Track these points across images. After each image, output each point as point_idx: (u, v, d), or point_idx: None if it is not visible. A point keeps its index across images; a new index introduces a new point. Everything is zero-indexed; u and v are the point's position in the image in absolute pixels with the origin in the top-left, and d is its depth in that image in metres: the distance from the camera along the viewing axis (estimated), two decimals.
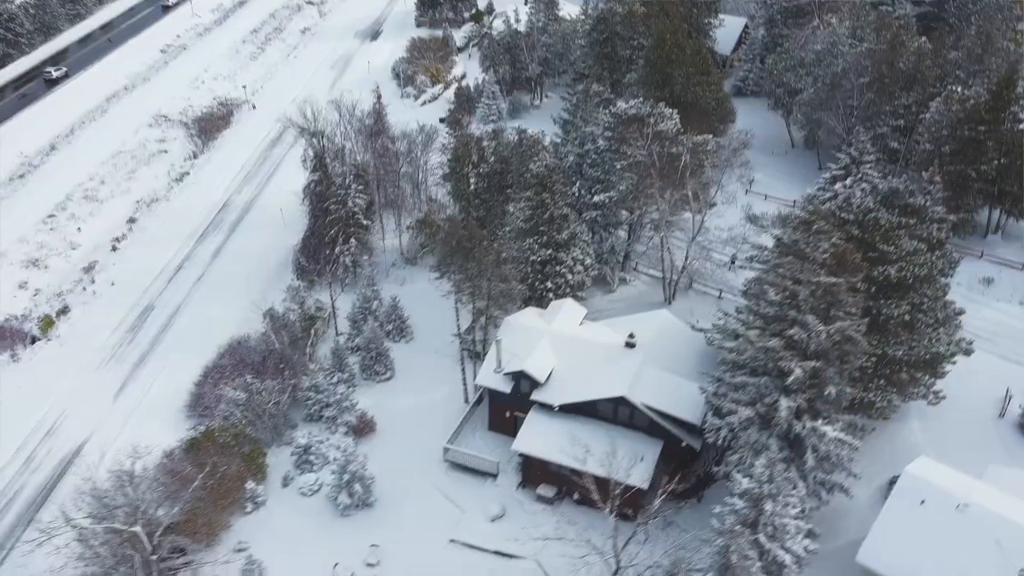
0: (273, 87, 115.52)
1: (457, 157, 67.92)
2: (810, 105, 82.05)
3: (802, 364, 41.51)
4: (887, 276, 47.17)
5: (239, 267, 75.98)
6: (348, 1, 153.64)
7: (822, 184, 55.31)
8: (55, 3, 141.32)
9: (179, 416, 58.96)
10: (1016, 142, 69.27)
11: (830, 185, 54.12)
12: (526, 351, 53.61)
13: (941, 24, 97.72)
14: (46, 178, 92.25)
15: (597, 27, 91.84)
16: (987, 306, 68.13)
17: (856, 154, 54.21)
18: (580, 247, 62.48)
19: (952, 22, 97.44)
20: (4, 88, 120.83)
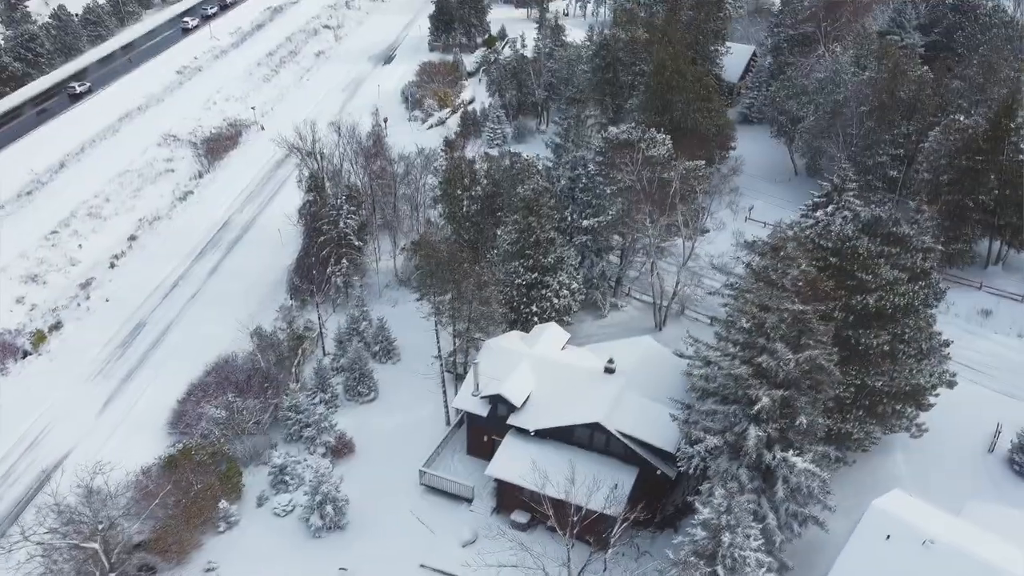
0: (284, 109, 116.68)
1: (448, 180, 68.03)
2: (811, 133, 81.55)
3: (770, 393, 40.80)
4: (865, 305, 46.36)
5: (234, 285, 76.41)
6: (364, 25, 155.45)
7: (804, 211, 54.69)
8: (77, 25, 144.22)
9: (161, 432, 59.12)
10: (1015, 172, 68.23)
11: (812, 212, 53.51)
12: (505, 374, 53.21)
13: (950, 54, 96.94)
14: (53, 195, 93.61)
15: (599, 53, 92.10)
16: (984, 338, 66.90)
17: (839, 181, 53.61)
18: (567, 271, 62.15)
19: (961, 52, 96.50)
20: (23, 105, 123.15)
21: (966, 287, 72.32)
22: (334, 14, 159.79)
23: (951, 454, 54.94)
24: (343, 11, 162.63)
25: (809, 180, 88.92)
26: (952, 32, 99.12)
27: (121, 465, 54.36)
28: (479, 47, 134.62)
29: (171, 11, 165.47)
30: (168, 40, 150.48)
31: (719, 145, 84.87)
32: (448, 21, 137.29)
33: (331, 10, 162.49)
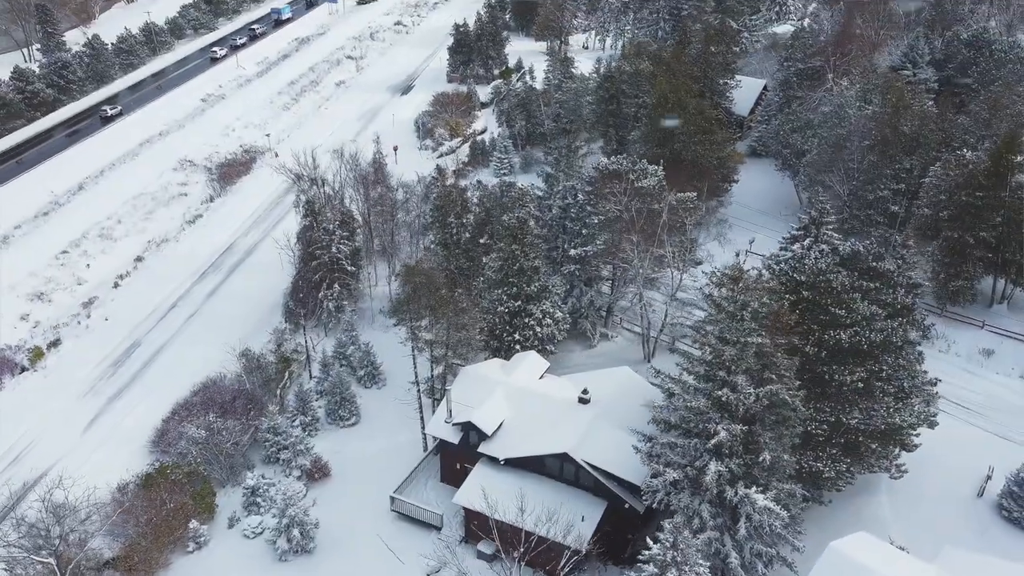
0: (300, 136, 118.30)
1: (439, 207, 68.31)
2: (813, 167, 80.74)
3: (728, 427, 40.02)
4: (838, 340, 45.42)
5: (232, 308, 77.27)
6: (387, 56, 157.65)
7: (783, 243, 53.97)
8: (110, 53, 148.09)
9: (143, 451, 59.68)
10: (1018, 209, 66.81)
11: (790, 245, 52.78)
12: (478, 402, 52.96)
13: (964, 89, 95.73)
14: (68, 216, 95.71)
15: (603, 85, 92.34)
16: (984, 378, 65.20)
17: (816, 214, 52.88)
18: (551, 300, 61.86)
19: (975, 87, 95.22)
20: (54, 128, 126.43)
21: (968, 325, 70.69)
22: (358, 45, 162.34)
23: (938, 497, 53.40)
24: (367, 42, 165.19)
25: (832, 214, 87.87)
26: (966, 68, 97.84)
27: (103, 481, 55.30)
28: (496, 79, 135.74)
29: (202, 41, 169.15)
30: (197, 68, 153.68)
31: (721, 178, 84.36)
32: (467, 53, 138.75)
33: (356, 41, 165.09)
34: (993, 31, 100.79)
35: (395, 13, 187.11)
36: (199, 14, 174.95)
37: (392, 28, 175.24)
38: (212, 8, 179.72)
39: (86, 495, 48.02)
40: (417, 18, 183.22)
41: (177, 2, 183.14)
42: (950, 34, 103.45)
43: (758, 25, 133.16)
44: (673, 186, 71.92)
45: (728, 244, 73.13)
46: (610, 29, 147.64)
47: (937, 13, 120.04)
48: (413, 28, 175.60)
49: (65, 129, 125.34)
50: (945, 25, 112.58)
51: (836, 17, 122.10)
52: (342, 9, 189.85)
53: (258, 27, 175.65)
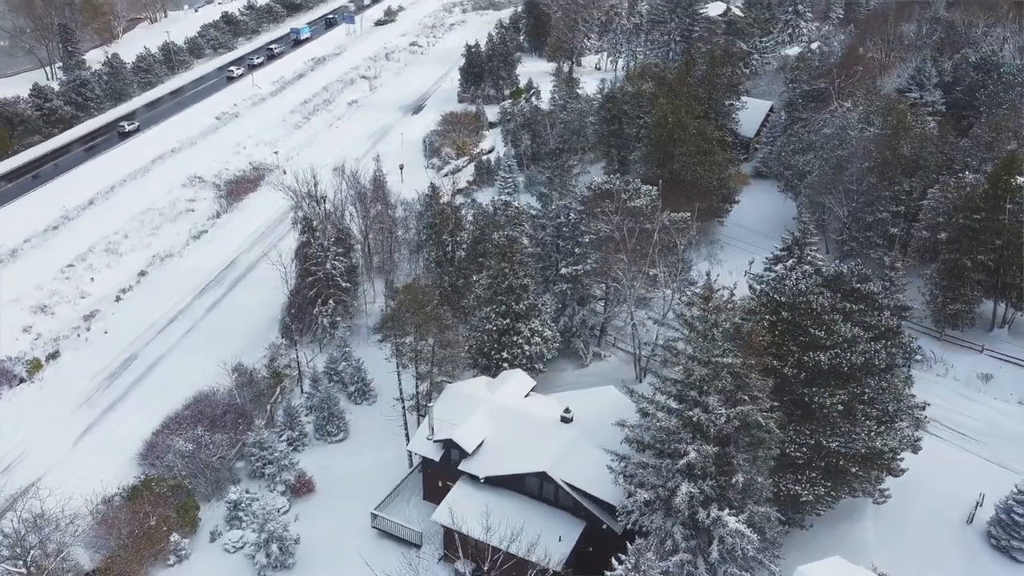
0: (309, 154, 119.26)
1: (432, 225, 68.62)
2: (814, 188, 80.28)
3: (699, 448, 39.66)
4: (817, 362, 44.94)
5: (230, 322, 77.87)
6: (401, 77, 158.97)
7: (767, 264, 53.57)
8: (128, 72, 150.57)
9: (131, 463, 60.02)
10: (1016, 232, 66.00)
11: (773, 265, 52.40)
12: (461, 419, 52.89)
13: (972, 112, 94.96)
14: (77, 230, 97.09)
15: (606, 105, 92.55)
16: (982, 404, 64.17)
17: (799, 235, 52.50)
18: (540, 319, 61.78)
19: (983, 110, 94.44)
20: (72, 143, 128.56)
21: (967, 350, 69.72)
22: (373, 65, 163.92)
23: (926, 523, 52.48)
24: (382, 62, 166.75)
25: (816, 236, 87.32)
26: (974, 90, 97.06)
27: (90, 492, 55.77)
28: (507, 99, 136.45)
29: (221, 60, 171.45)
30: (214, 87, 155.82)
31: (721, 198, 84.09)
32: (478, 74, 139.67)
33: (371, 61, 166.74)
34: (1005, 55, 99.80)
35: (411, 34, 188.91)
36: (218, 34, 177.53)
37: (407, 49, 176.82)
38: (232, 28, 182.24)
39: (60, 505, 48.24)
40: (433, 39, 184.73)
41: (199, 22, 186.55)
42: (959, 56, 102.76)
43: (768, 47, 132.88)
44: (673, 206, 71.90)
45: (719, 265, 72.69)
46: (622, 50, 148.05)
47: (948, 36, 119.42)
48: (428, 49, 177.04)
49: (83, 144, 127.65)
50: (955, 48, 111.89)
51: (846, 39, 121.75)
52: (360, 30, 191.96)
53: (276, 47, 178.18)
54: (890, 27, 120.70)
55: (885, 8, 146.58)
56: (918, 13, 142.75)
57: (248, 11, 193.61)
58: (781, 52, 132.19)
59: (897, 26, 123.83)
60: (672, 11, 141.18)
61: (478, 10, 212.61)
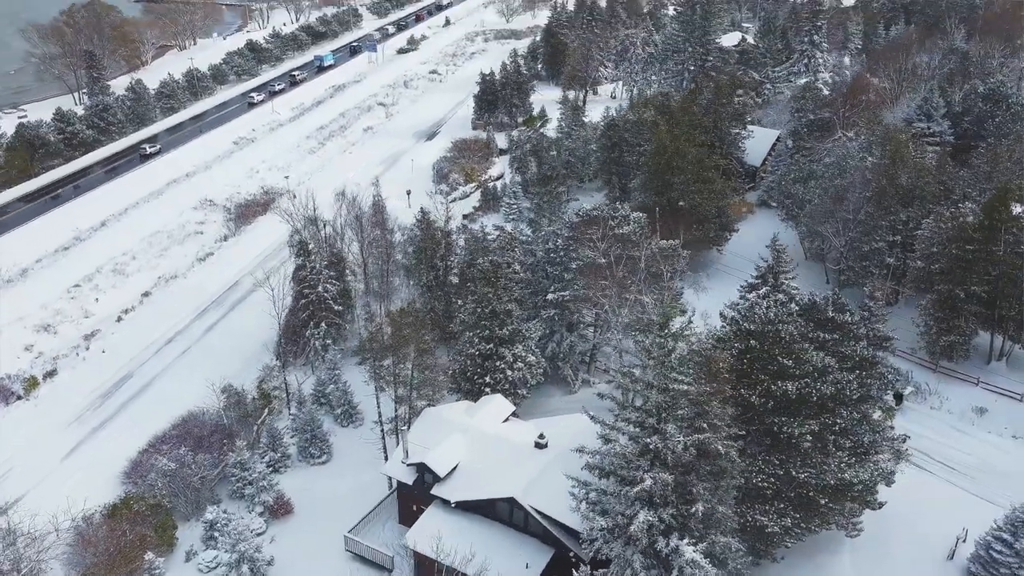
0: (321, 179, 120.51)
1: (421, 250, 69.12)
2: (812, 217, 79.85)
3: (655, 475, 39.30)
4: (785, 391, 44.48)
5: (227, 343, 78.62)
6: (417, 103, 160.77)
7: (742, 291, 53.23)
8: (151, 97, 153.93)
9: (115, 481, 60.54)
10: (1012, 263, 65.06)
11: (747, 293, 52.06)
12: (436, 443, 52.91)
13: (981, 142, 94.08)
14: (86, 251, 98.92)
15: (606, 133, 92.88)
16: (975, 437, 63.12)
17: (773, 262, 52.15)
18: (524, 344, 61.80)
19: (990, 140, 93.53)
20: (94, 165, 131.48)
21: (962, 382, 68.71)
22: (391, 93, 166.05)
23: (906, 558, 51.62)
24: (400, 90, 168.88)
25: (816, 265, 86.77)
26: (983, 121, 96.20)
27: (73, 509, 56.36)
28: (519, 126, 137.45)
29: (245, 86, 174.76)
30: (235, 112, 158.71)
31: (720, 227, 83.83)
32: (492, 101, 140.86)
33: (389, 89, 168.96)
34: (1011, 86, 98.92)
35: (432, 62, 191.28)
36: (242, 61, 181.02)
37: (426, 77, 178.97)
38: (255, 56, 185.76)
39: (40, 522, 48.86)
40: (453, 67, 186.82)
41: (225, 49, 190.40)
42: (968, 87, 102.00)
43: (780, 76, 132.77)
44: (670, 234, 71.94)
45: (704, 292, 72.33)
46: (637, 79, 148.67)
47: (962, 66, 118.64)
48: (447, 77, 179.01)
49: (105, 166, 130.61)
50: (967, 78, 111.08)
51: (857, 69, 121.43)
52: (381, 58, 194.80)
53: (299, 73, 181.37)
54: (901, 57, 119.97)
55: (903, 39, 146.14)
56: (935, 44, 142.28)
57: (273, 39, 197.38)
58: (797, 82, 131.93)
59: (909, 56, 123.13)
60: (686, 41, 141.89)
61: (500, 39, 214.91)
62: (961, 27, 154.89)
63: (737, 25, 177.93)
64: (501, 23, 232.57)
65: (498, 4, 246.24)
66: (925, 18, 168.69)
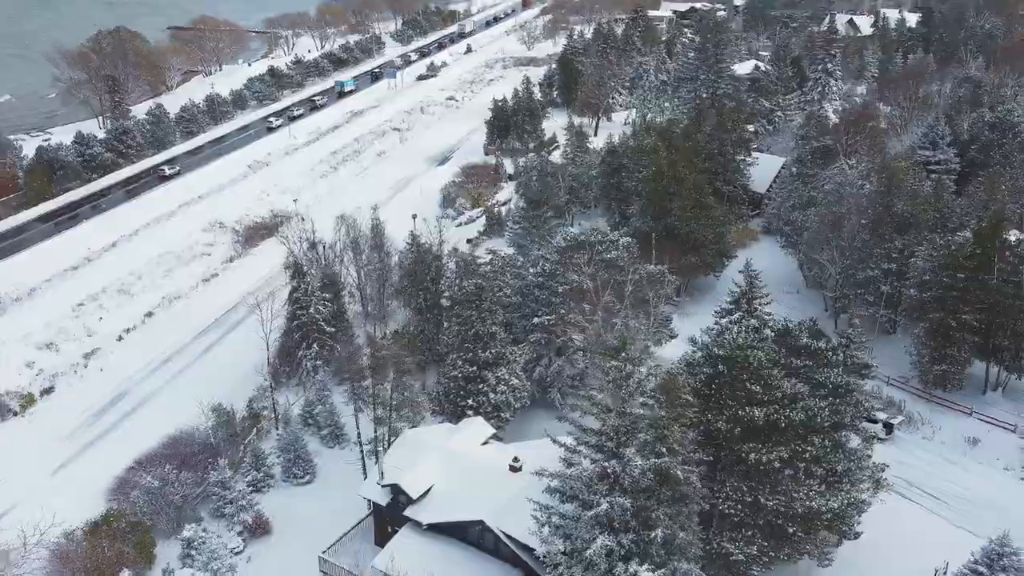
0: (330, 203, 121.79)
1: (411, 273, 69.60)
2: (809, 244, 79.40)
3: (612, 499, 39.09)
4: (753, 417, 44.10)
5: (224, 363, 79.41)
6: (432, 129, 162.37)
7: (715, 316, 52.98)
8: (171, 121, 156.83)
9: (100, 498, 61.14)
10: (1004, 293, 64.17)
11: (720, 319, 51.81)
12: (413, 465, 53.01)
13: (987, 171, 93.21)
14: (96, 271, 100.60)
15: (606, 159, 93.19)
16: (965, 468, 62.07)
17: (746, 288, 51.89)
18: (508, 367, 61.84)
19: (997, 168, 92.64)
20: (113, 187, 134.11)
21: (956, 412, 67.62)
22: (407, 118, 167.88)
23: None
24: (416, 115, 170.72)
25: (816, 292, 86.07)
26: (989, 149, 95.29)
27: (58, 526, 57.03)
28: (530, 152, 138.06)
29: (265, 111, 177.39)
30: (253, 136, 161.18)
31: (717, 253, 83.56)
32: (504, 127, 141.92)
33: (405, 114, 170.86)
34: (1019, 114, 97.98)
35: (450, 89, 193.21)
36: (263, 86, 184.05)
37: (443, 103, 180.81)
38: (276, 81, 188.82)
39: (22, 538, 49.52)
40: (471, 94, 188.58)
41: (249, 75, 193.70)
42: (975, 115, 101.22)
43: (791, 104, 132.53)
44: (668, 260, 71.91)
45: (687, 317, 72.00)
46: (650, 107, 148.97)
47: (973, 95, 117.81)
48: (463, 103, 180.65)
49: (124, 187, 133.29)
50: (977, 106, 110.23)
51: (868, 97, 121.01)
52: (401, 84, 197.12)
53: (320, 98, 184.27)
54: (912, 85, 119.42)
55: (918, 68, 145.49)
56: (950, 73, 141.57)
57: (295, 66, 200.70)
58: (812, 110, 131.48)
59: (920, 85, 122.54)
60: (698, 68, 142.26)
61: (519, 66, 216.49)
62: (979, 56, 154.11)
63: (755, 54, 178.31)
64: (522, 51, 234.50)
65: (520, 32, 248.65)
66: (943, 47, 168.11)
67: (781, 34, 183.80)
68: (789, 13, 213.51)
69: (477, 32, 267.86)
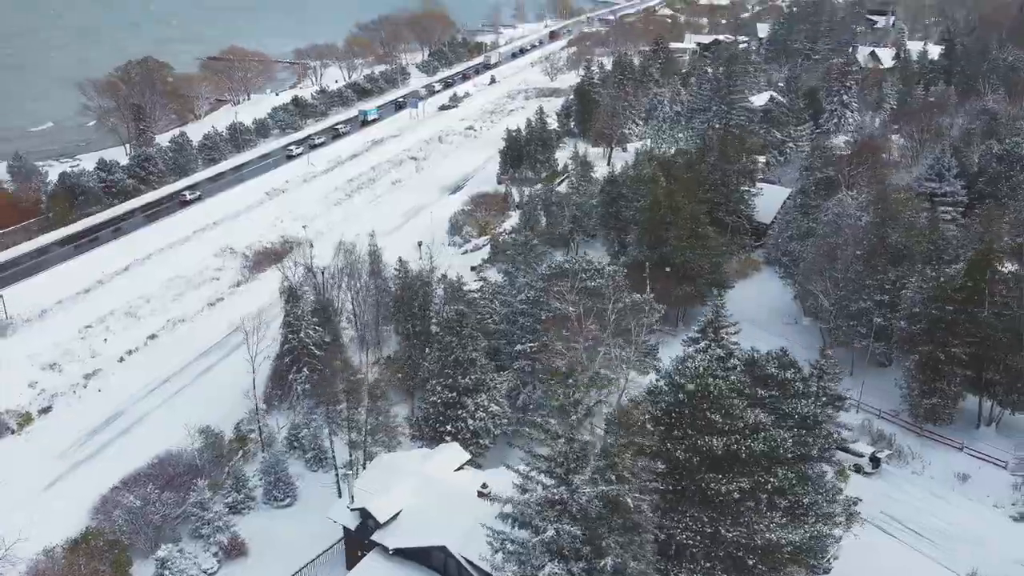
0: (341, 230, 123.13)
1: (399, 298, 70.22)
2: (804, 275, 78.84)
3: (559, 527, 38.95)
4: (711, 447, 43.73)
5: (219, 385, 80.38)
6: (449, 158, 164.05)
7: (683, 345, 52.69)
8: (193, 149, 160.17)
9: (85, 516, 62.05)
10: (994, 326, 63.15)
11: (687, 348, 51.54)
12: (384, 489, 53.22)
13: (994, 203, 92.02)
14: (106, 294, 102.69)
15: (605, 188, 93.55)
16: (952, 504, 60.88)
17: (713, 317, 51.62)
18: (488, 394, 61.99)
19: (1004, 200, 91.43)
20: (135, 211, 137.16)
21: (947, 447, 66.39)
22: (424, 147, 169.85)
23: None
24: (434, 145, 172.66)
25: (815, 324, 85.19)
26: (997, 182, 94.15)
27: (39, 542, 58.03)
28: (542, 181, 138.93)
29: (288, 139, 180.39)
30: (273, 164, 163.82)
31: (712, 283, 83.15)
32: (517, 157, 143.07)
33: (424, 143, 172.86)
34: None
35: (470, 119, 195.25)
36: (286, 115, 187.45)
37: (462, 132, 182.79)
38: (300, 111, 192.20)
39: None
40: (490, 123, 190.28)
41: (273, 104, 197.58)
42: (984, 147, 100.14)
43: (803, 135, 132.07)
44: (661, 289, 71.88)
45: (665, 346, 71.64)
46: (664, 137, 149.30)
47: (989, 127, 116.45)
48: (482, 132, 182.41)
49: (145, 211, 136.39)
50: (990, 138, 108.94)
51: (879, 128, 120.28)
52: (422, 114, 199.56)
53: (343, 127, 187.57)
54: (924, 117, 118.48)
55: (936, 100, 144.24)
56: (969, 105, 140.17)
57: (319, 95, 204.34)
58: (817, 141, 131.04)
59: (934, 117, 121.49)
60: (711, 99, 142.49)
61: (541, 97, 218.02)
62: (1000, 89, 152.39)
63: (773, 85, 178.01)
64: (545, 82, 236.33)
65: (544, 64, 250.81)
66: (965, 79, 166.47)
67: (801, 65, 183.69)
68: (811, 45, 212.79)
69: (503, 63, 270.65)
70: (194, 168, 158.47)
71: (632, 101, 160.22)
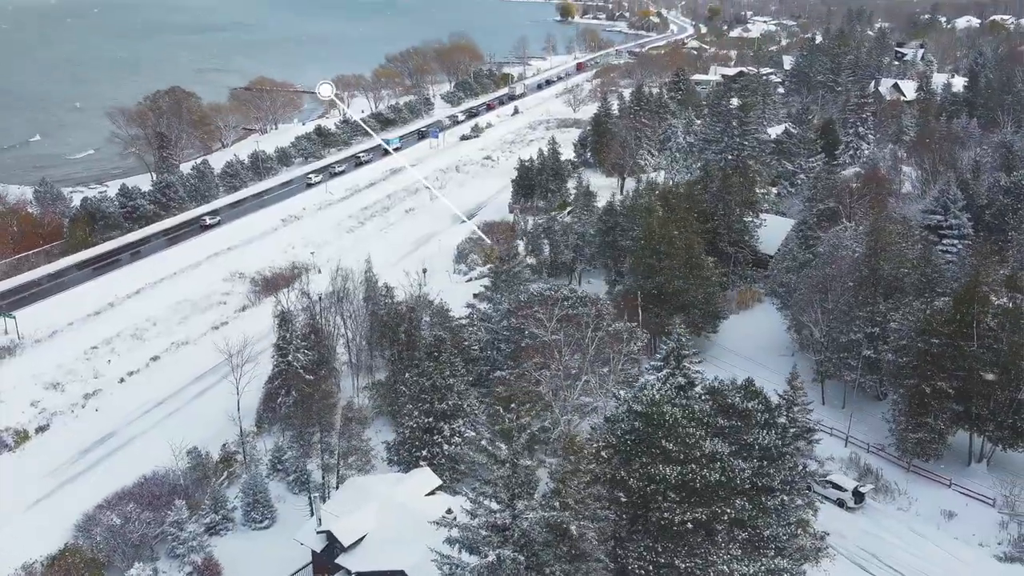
0: (350, 256, 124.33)
1: (384, 324, 70.77)
2: (797, 306, 78.16)
3: (499, 551, 38.87)
4: (665, 476, 43.45)
5: (213, 407, 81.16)
6: (465, 187, 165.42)
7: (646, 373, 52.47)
8: (214, 176, 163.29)
9: (67, 533, 62.88)
10: (981, 360, 62.03)
11: (648, 375, 51.30)
12: (351, 513, 53.48)
13: (1000, 236, 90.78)
14: (115, 316, 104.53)
15: (603, 217, 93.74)
16: (935, 543, 59.53)
17: (675, 344, 51.31)
18: (465, 419, 62.12)
19: (1011, 234, 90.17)
20: (154, 236, 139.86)
21: (936, 484, 65.04)
22: (441, 176, 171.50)
23: None
24: (451, 174, 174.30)
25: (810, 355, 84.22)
26: (1004, 215, 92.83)
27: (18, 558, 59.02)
28: (553, 211, 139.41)
29: (309, 167, 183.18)
30: (293, 191, 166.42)
31: (707, 314, 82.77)
32: (529, 186, 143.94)
33: (441, 172, 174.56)
34: None
35: (489, 149, 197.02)
36: (308, 144, 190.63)
37: (480, 162, 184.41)
38: (322, 140, 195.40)
39: None
40: (508, 153, 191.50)
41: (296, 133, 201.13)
42: (991, 180, 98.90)
43: (815, 167, 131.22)
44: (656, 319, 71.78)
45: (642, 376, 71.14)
46: (676, 167, 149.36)
47: (1005, 161, 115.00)
48: (499, 162, 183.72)
49: (164, 236, 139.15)
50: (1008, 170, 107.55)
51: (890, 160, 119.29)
52: (443, 144, 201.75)
53: (364, 155, 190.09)
54: (937, 150, 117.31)
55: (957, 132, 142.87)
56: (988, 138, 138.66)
57: (342, 125, 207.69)
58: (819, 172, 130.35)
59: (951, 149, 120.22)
60: (723, 131, 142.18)
61: (563, 128, 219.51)
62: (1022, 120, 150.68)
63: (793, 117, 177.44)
64: (568, 113, 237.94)
65: (567, 95, 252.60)
66: (987, 112, 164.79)
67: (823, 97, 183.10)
68: (834, 77, 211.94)
69: (528, 94, 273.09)
70: (215, 195, 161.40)
71: (648, 132, 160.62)
